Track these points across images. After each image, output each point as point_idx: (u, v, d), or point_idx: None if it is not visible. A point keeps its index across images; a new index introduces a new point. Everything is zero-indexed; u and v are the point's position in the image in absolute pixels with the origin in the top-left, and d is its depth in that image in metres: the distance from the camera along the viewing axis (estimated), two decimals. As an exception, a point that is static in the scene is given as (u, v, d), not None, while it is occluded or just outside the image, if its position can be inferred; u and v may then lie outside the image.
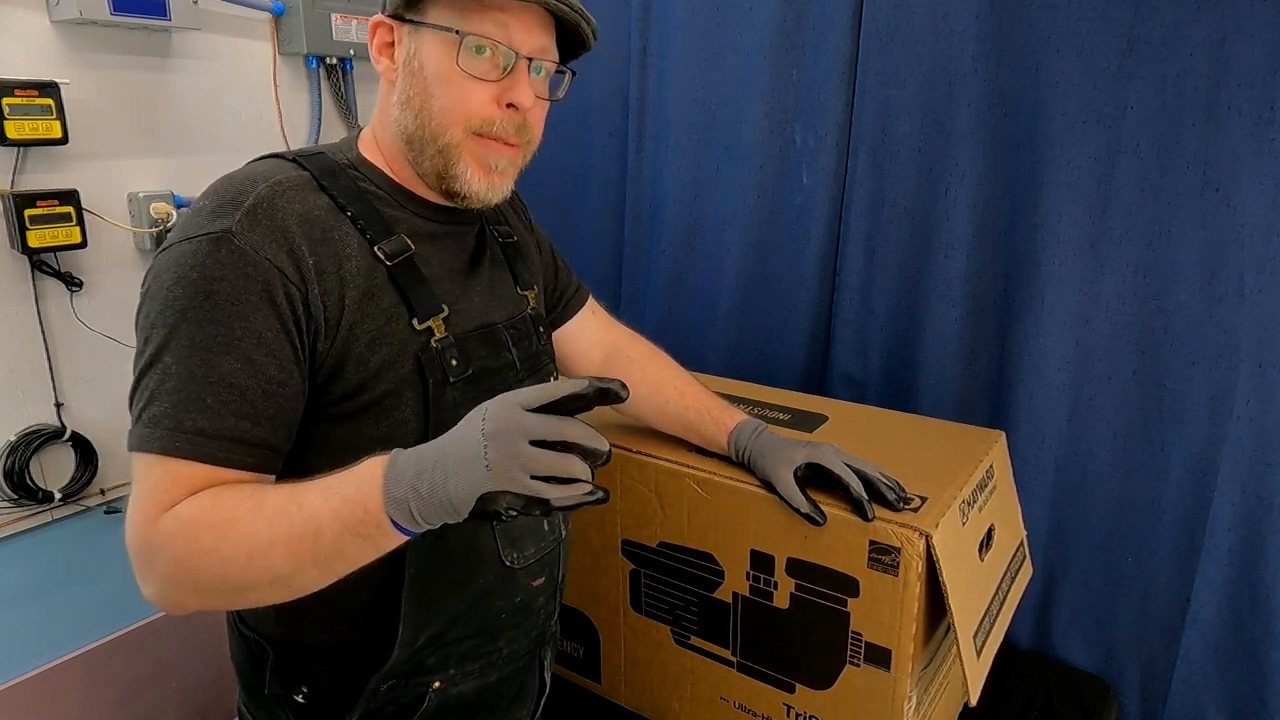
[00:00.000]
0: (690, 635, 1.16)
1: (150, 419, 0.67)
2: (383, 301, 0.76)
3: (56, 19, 1.50)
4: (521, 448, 0.60)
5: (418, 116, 0.78)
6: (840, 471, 0.98)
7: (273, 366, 0.70)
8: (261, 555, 0.64)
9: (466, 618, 0.85)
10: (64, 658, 1.65)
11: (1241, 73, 1.13)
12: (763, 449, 1.03)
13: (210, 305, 0.68)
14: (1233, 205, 1.17)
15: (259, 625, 0.85)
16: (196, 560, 0.65)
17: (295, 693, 0.84)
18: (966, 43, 1.34)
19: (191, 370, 0.67)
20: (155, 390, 0.68)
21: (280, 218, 0.71)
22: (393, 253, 0.78)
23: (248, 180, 0.73)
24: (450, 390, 0.79)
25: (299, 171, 0.77)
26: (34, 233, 1.46)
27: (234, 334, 0.68)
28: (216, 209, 0.71)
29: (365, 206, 0.79)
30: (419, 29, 0.77)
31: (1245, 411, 1.19)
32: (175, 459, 0.67)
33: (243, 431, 0.68)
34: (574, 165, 1.88)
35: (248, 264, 0.69)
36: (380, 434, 0.76)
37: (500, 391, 0.67)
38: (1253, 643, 1.24)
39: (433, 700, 0.86)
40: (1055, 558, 1.42)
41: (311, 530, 0.64)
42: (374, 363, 0.75)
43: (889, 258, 1.49)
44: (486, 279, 0.89)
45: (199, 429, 0.67)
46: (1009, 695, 1.33)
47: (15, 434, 1.54)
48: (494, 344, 0.85)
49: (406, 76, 0.78)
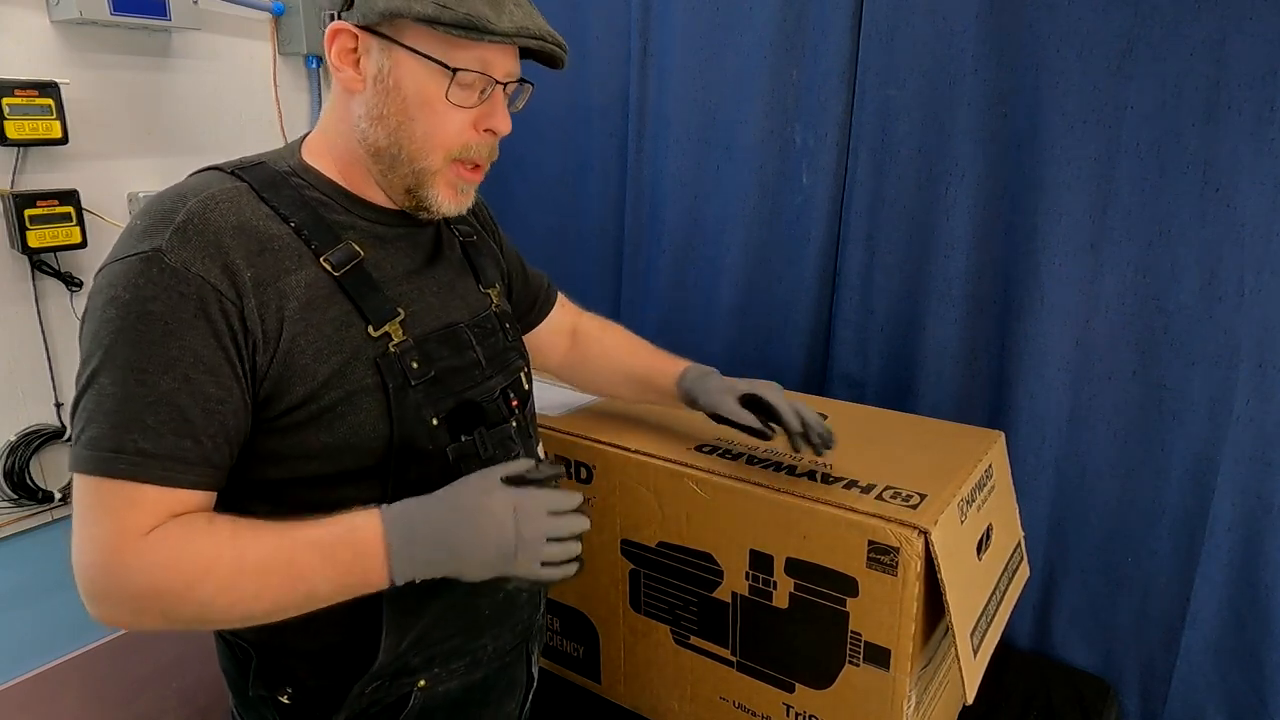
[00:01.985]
0: (690, 635, 1.16)
1: (89, 440, 0.67)
2: (330, 311, 0.75)
3: (56, 19, 1.50)
4: (544, 549, 0.74)
5: (392, 135, 0.78)
6: (776, 401, 1.03)
7: (211, 384, 0.69)
8: (244, 604, 0.69)
9: (450, 617, 0.85)
10: (64, 658, 1.65)
11: (1241, 73, 1.13)
12: (706, 386, 1.08)
13: (144, 325, 0.67)
14: (1233, 205, 1.17)
15: (241, 630, 0.85)
16: (170, 599, 0.67)
17: (280, 694, 0.84)
18: (966, 43, 1.34)
19: (129, 391, 0.67)
20: (93, 412, 0.67)
21: (212, 232, 0.70)
22: (339, 262, 0.77)
23: (179, 197, 0.72)
24: (413, 393, 0.78)
25: (235, 183, 0.76)
26: (34, 233, 1.46)
27: (170, 353, 0.68)
28: (147, 228, 0.70)
29: (309, 215, 0.77)
30: (393, 47, 0.75)
31: (1245, 411, 1.19)
32: (120, 481, 0.67)
33: (184, 450, 0.68)
34: (574, 165, 1.88)
35: (180, 282, 0.68)
36: (335, 440, 0.75)
37: (465, 391, 0.78)
38: (1253, 643, 1.24)
39: (418, 699, 0.85)
40: (1055, 558, 1.42)
41: (303, 590, 0.70)
42: (321, 373, 0.74)
43: (889, 258, 1.49)
44: (445, 279, 0.88)
45: (140, 449, 0.67)
46: (1009, 695, 1.33)
47: (15, 434, 1.55)
48: (456, 344, 0.84)
49: (380, 93, 0.77)
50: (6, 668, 1.59)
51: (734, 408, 1.04)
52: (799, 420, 1.02)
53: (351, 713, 0.82)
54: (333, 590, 0.71)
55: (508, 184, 1.94)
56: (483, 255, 0.96)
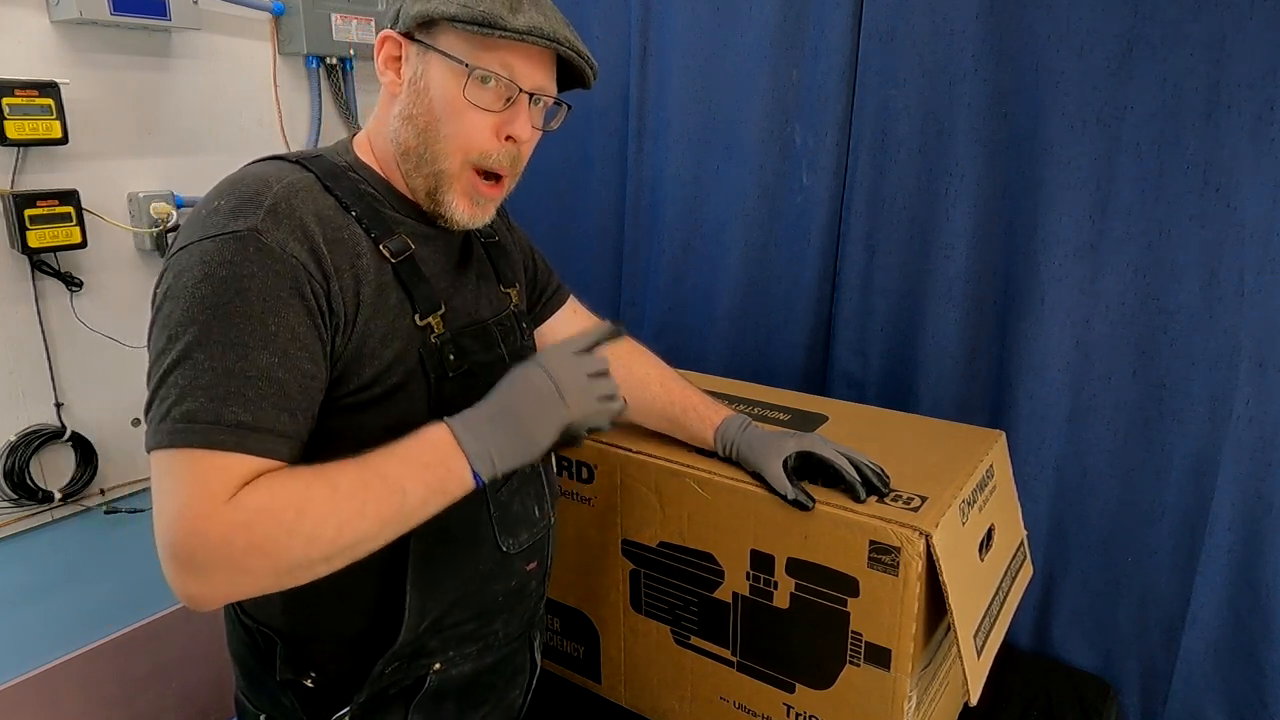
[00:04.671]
0: (690, 635, 1.16)
1: (184, 414, 0.67)
2: (390, 298, 0.79)
3: (56, 19, 1.50)
4: (586, 384, 0.80)
5: (420, 136, 0.81)
6: (831, 456, 1.02)
7: (306, 360, 0.72)
8: (350, 525, 0.69)
9: (466, 602, 0.89)
10: (64, 658, 1.65)
11: (1241, 73, 1.13)
12: (750, 442, 1.06)
13: (242, 301, 0.69)
14: (1233, 205, 1.17)
15: (263, 616, 0.87)
16: (281, 540, 0.67)
17: (304, 678, 0.86)
18: (966, 43, 1.34)
19: (228, 365, 0.68)
20: (187, 387, 0.68)
21: (299, 216, 0.74)
22: (396, 251, 0.81)
23: (262, 180, 0.75)
24: (449, 384, 0.82)
25: (305, 173, 0.79)
26: (34, 233, 1.46)
27: (269, 329, 0.70)
28: (236, 208, 0.72)
29: (367, 207, 0.81)
30: (428, 51, 0.80)
31: (1245, 411, 1.19)
32: (216, 452, 0.67)
33: (283, 424, 0.70)
34: (574, 165, 1.88)
35: (276, 260, 0.71)
36: (387, 424, 0.77)
37: (491, 385, 0.79)
38: (1253, 643, 1.24)
39: (433, 681, 0.89)
40: (1055, 558, 1.42)
41: (397, 496, 0.71)
42: (386, 356, 0.78)
43: (889, 258, 1.49)
44: (474, 278, 0.92)
45: (240, 422, 0.68)
46: (1009, 695, 1.33)
47: (15, 434, 1.54)
48: (485, 340, 0.89)
49: (412, 95, 0.81)
50: (6, 668, 1.59)
51: (777, 474, 1.01)
52: (855, 470, 1.01)
53: (372, 693, 0.86)
54: (424, 491, 0.72)
55: (508, 184, 1.94)
56: (503, 256, 1.00)
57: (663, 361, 1.17)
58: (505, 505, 0.90)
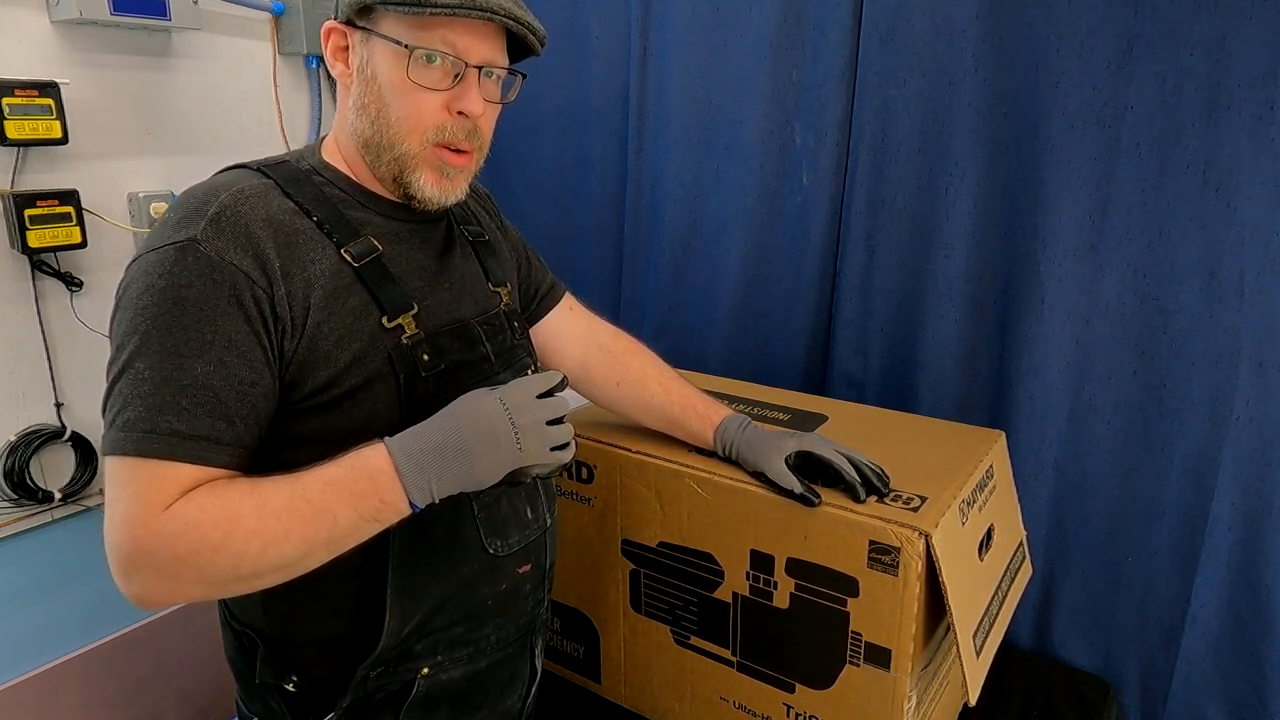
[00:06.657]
0: (690, 635, 1.16)
1: (125, 423, 0.69)
2: (350, 301, 0.79)
3: (56, 19, 1.50)
4: (543, 431, 0.77)
5: (374, 123, 0.81)
6: (831, 456, 1.01)
7: (243, 368, 0.72)
8: (275, 547, 0.69)
9: (452, 605, 0.87)
10: (64, 658, 1.65)
11: (1241, 73, 1.13)
12: (750, 441, 1.06)
13: (180, 311, 0.70)
14: (1233, 205, 1.17)
15: (247, 618, 0.87)
16: (206, 555, 0.68)
17: (285, 682, 0.85)
18: (966, 43, 1.34)
19: (165, 374, 0.70)
20: (129, 396, 0.70)
21: (244, 223, 0.74)
22: (359, 254, 0.81)
23: (211, 191, 0.76)
24: (423, 384, 0.82)
25: (262, 179, 0.80)
26: (34, 233, 1.46)
27: (205, 338, 0.71)
28: (181, 220, 0.73)
29: (330, 211, 0.81)
30: (370, 38, 0.80)
31: (1245, 411, 1.20)
32: (153, 460, 0.69)
33: (218, 431, 0.71)
34: (574, 165, 1.88)
35: (214, 269, 0.71)
36: (352, 424, 0.78)
37: (476, 383, 0.79)
38: (1253, 643, 1.24)
39: (421, 686, 0.87)
40: (1055, 558, 1.42)
41: (326, 522, 0.70)
42: (343, 360, 0.77)
43: (889, 258, 1.49)
44: (456, 275, 0.91)
45: (174, 430, 0.69)
46: (1009, 695, 1.33)
47: (15, 434, 1.54)
48: (466, 339, 0.88)
49: (361, 83, 0.82)
50: (6, 668, 1.58)
51: (781, 470, 1.02)
52: (855, 470, 1.01)
53: (356, 698, 0.84)
54: (355, 519, 0.71)
55: (508, 182, 1.94)
56: (493, 255, 0.99)
57: (662, 361, 1.17)
58: (491, 506, 0.88)
